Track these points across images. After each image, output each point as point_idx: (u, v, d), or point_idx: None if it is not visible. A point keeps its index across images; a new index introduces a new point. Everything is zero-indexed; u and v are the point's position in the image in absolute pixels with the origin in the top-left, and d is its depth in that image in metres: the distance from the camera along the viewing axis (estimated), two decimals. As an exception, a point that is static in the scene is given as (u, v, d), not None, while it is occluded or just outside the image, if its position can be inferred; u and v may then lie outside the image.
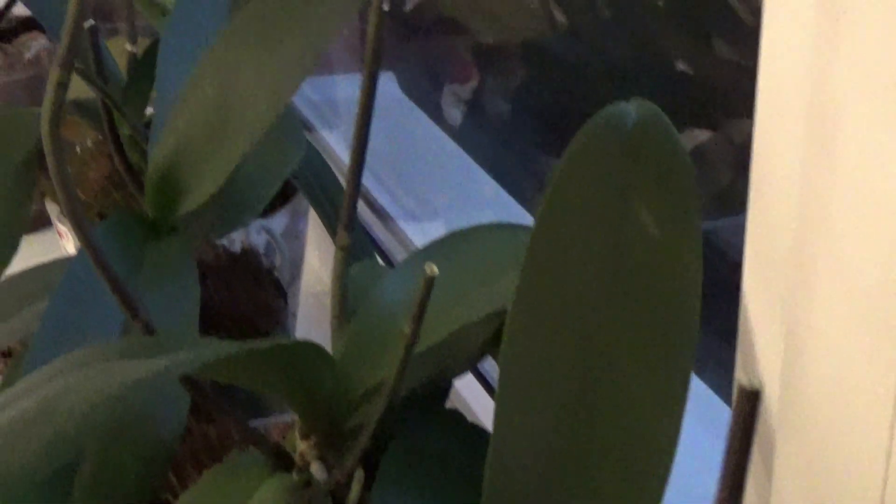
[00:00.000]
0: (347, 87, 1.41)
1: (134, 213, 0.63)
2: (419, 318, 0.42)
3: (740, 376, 0.52)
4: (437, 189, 1.27)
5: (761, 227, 0.48)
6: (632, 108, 0.50)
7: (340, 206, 0.84)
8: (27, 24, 1.18)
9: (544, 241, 0.49)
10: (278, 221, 0.86)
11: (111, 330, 0.56)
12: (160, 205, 0.66)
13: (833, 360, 0.43)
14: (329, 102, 1.41)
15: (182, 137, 0.65)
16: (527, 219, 1.14)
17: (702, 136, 0.89)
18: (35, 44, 1.15)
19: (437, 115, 1.27)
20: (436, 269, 0.41)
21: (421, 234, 1.17)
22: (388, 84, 1.32)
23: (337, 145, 1.34)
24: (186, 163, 0.65)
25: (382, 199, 1.21)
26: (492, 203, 1.18)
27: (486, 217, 1.23)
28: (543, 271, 0.49)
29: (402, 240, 1.16)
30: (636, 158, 0.49)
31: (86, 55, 0.80)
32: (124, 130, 0.82)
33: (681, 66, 0.91)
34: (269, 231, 0.84)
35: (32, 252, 0.85)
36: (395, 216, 1.20)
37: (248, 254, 0.79)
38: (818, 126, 0.43)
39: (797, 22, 0.43)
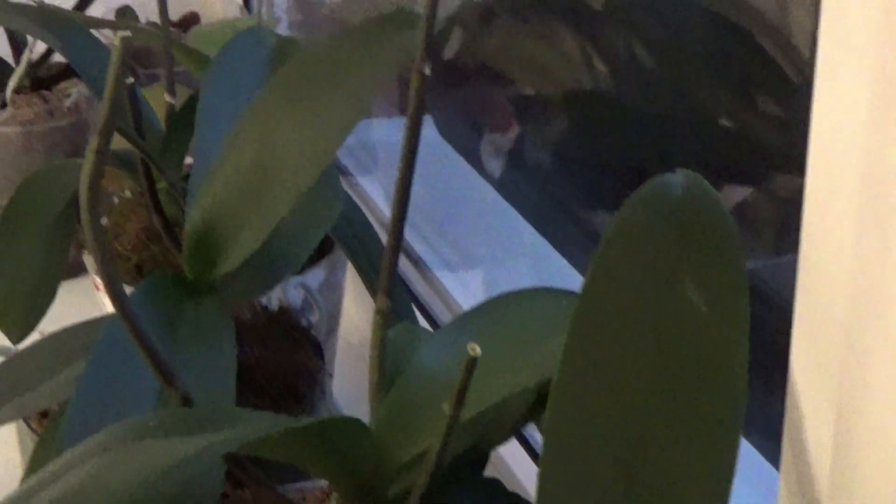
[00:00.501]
0: (384, 131, 1.41)
1: (171, 273, 0.63)
2: (460, 399, 0.41)
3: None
4: (475, 237, 1.26)
5: (811, 308, 0.47)
6: (678, 180, 0.49)
7: (379, 259, 0.84)
8: (67, 72, 1.18)
9: (589, 313, 0.49)
10: (315, 276, 0.86)
11: (148, 395, 0.56)
12: (198, 265, 0.65)
13: (887, 447, 0.42)
14: (365, 146, 1.41)
15: (220, 198, 0.65)
16: (566, 268, 1.14)
17: (743, 192, 0.88)
18: (74, 91, 1.15)
19: (475, 161, 1.26)
20: (478, 350, 0.40)
21: (458, 283, 1.16)
22: (427, 128, 1.32)
23: (373, 191, 1.34)
24: (224, 224, 0.64)
25: (418, 246, 1.21)
26: (531, 252, 1.17)
27: (525, 266, 1.23)
28: (589, 343, 0.49)
29: (439, 290, 1.16)
30: (682, 232, 0.48)
31: (124, 109, 0.80)
32: (162, 184, 0.82)
33: (723, 119, 0.90)
34: (305, 287, 0.83)
35: (69, 299, 0.85)
36: (431, 264, 1.19)
37: (285, 312, 0.78)
38: (872, 204, 0.42)
39: (850, 96, 0.42)
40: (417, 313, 0.96)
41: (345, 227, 0.84)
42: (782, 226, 0.87)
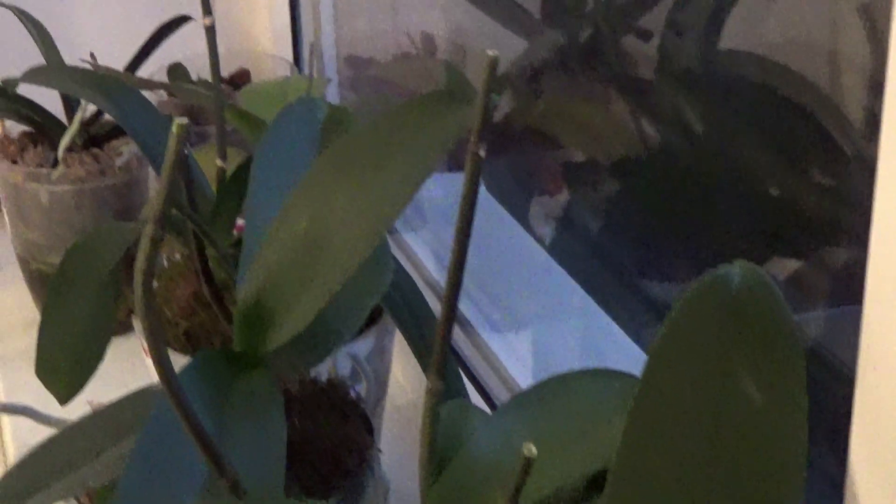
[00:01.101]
0: (432, 187, 1.41)
1: (221, 348, 0.63)
2: (515, 499, 0.41)
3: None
4: (522, 297, 1.25)
5: (870, 406, 0.46)
6: (735, 272, 0.49)
7: (428, 326, 0.84)
8: (119, 129, 1.19)
9: (648, 403, 0.49)
10: (364, 345, 0.85)
11: (198, 477, 0.55)
12: (249, 339, 0.65)
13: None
14: (412, 203, 1.40)
15: (272, 271, 0.65)
16: (615, 331, 1.13)
17: (792, 265, 0.88)
18: (126, 149, 1.16)
19: (522, 219, 1.26)
20: (534, 451, 0.40)
21: (504, 344, 1.15)
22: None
23: (420, 249, 1.34)
24: (276, 298, 0.64)
25: (463, 306, 1.20)
26: (580, 313, 1.16)
27: (573, 328, 1.22)
28: (646, 434, 0.49)
29: (484, 351, 1.15)
30: (739, 324, 0.48)
31: (177, 180, 0.80)
32: (211, 251, 0.82)
33: (773, 189, 0.89)
34: (354, 357, 0.83)
35: (117, 356, 0.85)
36: (476, 324, 1.19)
37: (334, 384, 0.78)
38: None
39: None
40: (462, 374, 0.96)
41: (393, 294, 0.84)
42: (832, 297, 0.86)
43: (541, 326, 1.22)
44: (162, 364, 0.46)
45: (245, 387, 0.65)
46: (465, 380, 1.08)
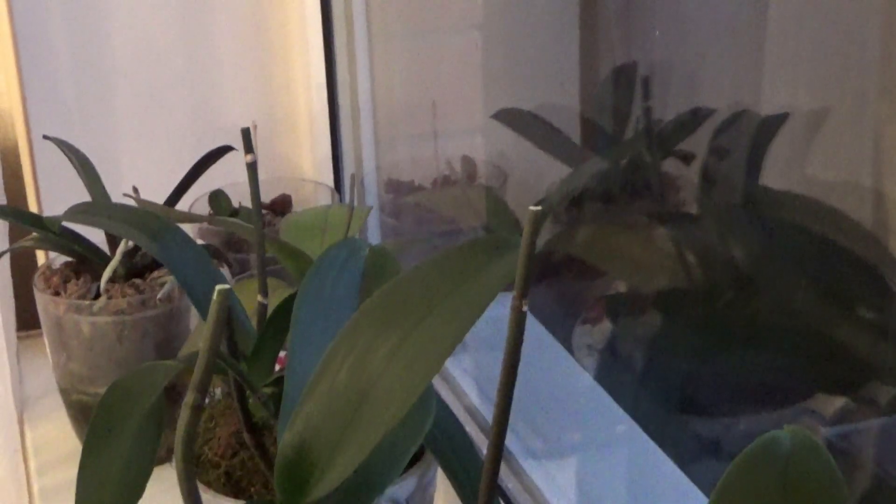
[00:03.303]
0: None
1: (263, 500, 0.62)
2: None
3: None
4: (564, 424, 1.24)
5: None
6: (786, 436, 0.48)
7: (471, 463, 0.83)
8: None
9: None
10: (406, 487, 0.84)
11: None
12: (289, 490, 0.64)
13: None
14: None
15: (313, 421, 0.64)
16: (661, 459, 1.11)
17: (837, 402, 0.87)
18: (168, 280, 1.16)
19: (566, 345, 1.25)
20: None
21: (545, 475, 1.14)
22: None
23: (460, 375, 1.33)
24: (318, 449, 0.64)
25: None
26: (626, 442, 1.15)
27: (619, 458, 1.21)
28: None
29: (525, 480, 1.14)
30: (790, 489, 0.48)
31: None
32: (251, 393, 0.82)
33: (819, 326, 0.88)
34: (396, 502, 0.82)
35: (156, 486, 0.84)
36: (516, 452, 1.17)
37: (377, 532, 0.77)
38: None
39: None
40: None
41: (436, 435, 0.83)
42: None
43: (584, 455, 1.20)
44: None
45: (286, 541, 0.64)
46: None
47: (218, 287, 0.46)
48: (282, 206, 1.42)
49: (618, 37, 1.25)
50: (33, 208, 1.44)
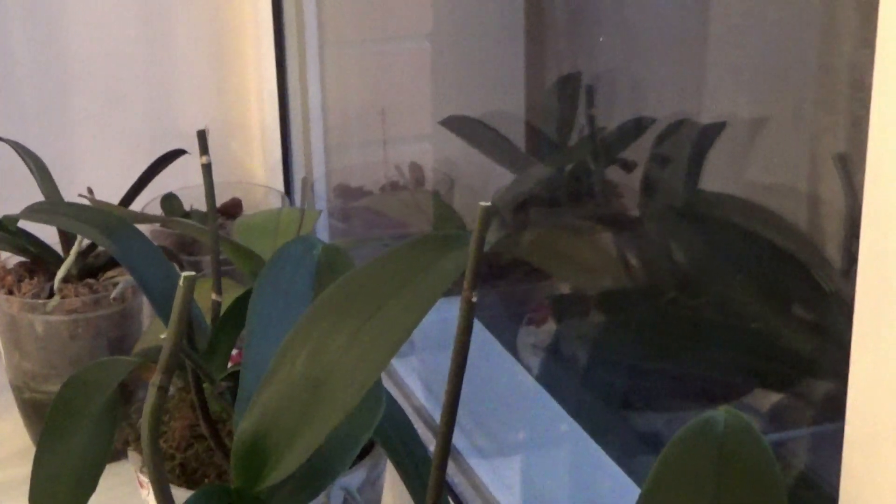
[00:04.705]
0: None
1: (217, 486, 0.64)
2: None
3: None
4: (509, 424, 1.26)
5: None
6: (720, 418, 0.51)
7: (420, 458, 0.85)
8: (114, 260, 1.21)
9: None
10: (356, 477, 0.87)
11: None
12: (246, 476, 0.67)
13: None
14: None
15: (270, 410, 0.66)
16: (602, 458, 1.14)
17: (773, 397, 0.90)
18: (122, 280, 1.18)
19: (510, 349, 1.28)
20: None
21: (491, 471, 1.16)
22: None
23: (408, 375, 1.35)
24: (274, 436, 0.66)
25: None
26: (568, 441, 1.17)
27: (562, 455, 1.23)
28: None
29: (472, 478, 1.16)
30: (724, 467, 0.50)
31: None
32: (208, 386, 0.84)
33: (755, 323, 0.92)
34: (347, 490, 0.84)
35: (109, 484, 0.86)
36: (463, 451, 1.20)
37: (330, 519, 0.79)
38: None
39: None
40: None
41: (385, 425, 0.85)
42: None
43: (528, 452, 1.23)
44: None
45: (242, 525, 0.66)
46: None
47: (184, 274, 0.48)
48: (233, 209, 1.44)
49: (563, 47, 1.28)
50: (-14, 209, 1.45)
